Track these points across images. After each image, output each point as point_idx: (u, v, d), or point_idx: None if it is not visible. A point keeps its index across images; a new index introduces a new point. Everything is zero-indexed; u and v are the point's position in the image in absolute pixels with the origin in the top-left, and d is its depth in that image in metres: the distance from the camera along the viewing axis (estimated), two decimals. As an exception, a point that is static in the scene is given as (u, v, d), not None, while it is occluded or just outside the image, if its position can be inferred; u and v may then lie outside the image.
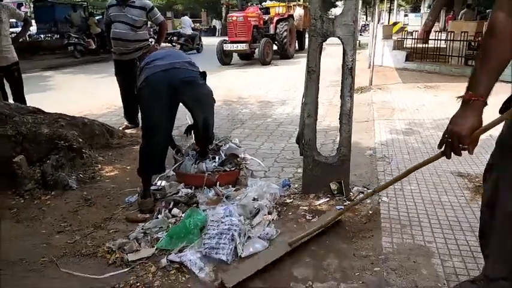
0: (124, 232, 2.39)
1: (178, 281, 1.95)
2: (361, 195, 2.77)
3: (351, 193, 2.81)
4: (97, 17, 15.78)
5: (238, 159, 3.11)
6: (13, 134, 3.06)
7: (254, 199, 2.62)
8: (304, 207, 2.68)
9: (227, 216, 2.24)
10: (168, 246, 2.18)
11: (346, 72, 2.54)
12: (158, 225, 2.37)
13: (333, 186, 2.77)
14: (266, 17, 12.64)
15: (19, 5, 29.16)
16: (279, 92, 7.34)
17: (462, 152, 1.30)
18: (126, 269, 2.04)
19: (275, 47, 12.68)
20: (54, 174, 3.01)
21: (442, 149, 1.35)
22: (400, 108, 5.57)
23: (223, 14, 13.93)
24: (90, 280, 1.98)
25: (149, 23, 4.62)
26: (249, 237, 2.26)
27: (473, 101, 1.24)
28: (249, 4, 13.62)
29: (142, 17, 4.15)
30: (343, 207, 2.63)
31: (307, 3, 13.57)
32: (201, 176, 2.86)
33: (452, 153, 1.31)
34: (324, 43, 2.55)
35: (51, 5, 17.16)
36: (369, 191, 1.65)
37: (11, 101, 4.16)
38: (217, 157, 3.07)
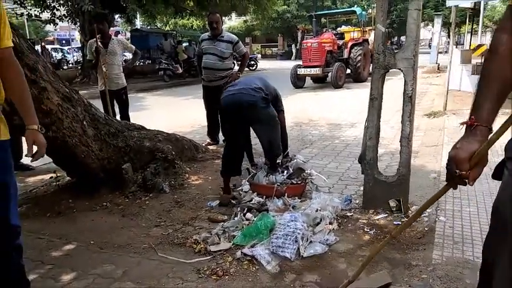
0: (207, 229, 2.89)
1: (249, 270, 2.36)
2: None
3: (409, 211, 3.02)
4: (184, 44, 17.40)
5: (304, 174, 3.48)
6: (123, 146, 3.78)
7: (317, 210, 2.97)
8: (363, 221, 2.95)
9: (292, 221, 2.62)
10: (242, 242, 2.61)
11: (406, 100, 2.81)
12: (235, 225, 2.83)
13: (392, 203, 3.01)
14: (340, 42, 12.97)
15: (116, 33, 32.95)
16: (348, 114, 7.59)
17: (466, 180, 1.17)
18: (208, 257, 2.52)
19: (349, 71, 12.93)
20: (153, 180, 3.65)
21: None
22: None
23: (299, 39, 14.64)
24: (180, 263, 2.48)
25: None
26: (310, 242, 2.61)
27: (476, 127, 1.15)
28: (324, 30, 14.08)
29: (229, 49, 4.78)
30: (400, 223, 2.87)
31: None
32: (271, 187, 3.28)
33: (455, 183, 1.19)
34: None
35: (145, 34, 19.32)
36: (386, 237, 1.63)
37: (118, 118, 5.02)
38: (286, 171, 3.47)
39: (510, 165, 1.19)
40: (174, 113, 8.48)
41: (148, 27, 22.90)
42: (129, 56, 5.69)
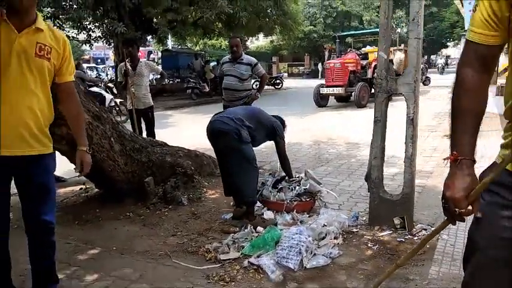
0: (219, 239, 3.10)
1: (255, 278, 2.54)
2: (424, 232, 3.08)
3: (414, 229, 3.12)
4: (212, 64, 18.01)
5: (314, 192, 3.64)
6: (146, 161, 4.08)
7: (324, 225, 3.12)
8: (368, 237, 3.08)
9: (297, 233, 2.79)
10: (250, 253, 2.80)
11: (408, 123, 2.96)
12: (244, 236, 3.03)
13: (396, 221, 3.13)
14: (364, 62, 13.09)
15: (149, 53, 34.33)
16: (368, 134, 7.61)
17: (466, 216, 1.19)
18: (218, 265, 2.72)
19: (373, 91, 12.99)
20: (172, 193, 3.91)
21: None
22: (488, 156, 5.49)
23: (325, 58, 14.96)
24: (192, 269, 2.69)
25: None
26: (314, 254, 2.76)
27: (461, 161, 1.16)
28: (348, 50, 14.27)
29: (248, 71, 5.05)
30: (403, 240, 2.98)
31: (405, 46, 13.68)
32: (281, 204, 3.47)
33: (455, 220, 1.21)
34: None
35: (175, 54, 20.13)
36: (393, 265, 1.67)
37: (144, 135, 5.37)
38: (297, 187, 3.64)
39: (487, 197, 1.20)
40: (198, 130, 8.74)
41: (179, 47, 23.82)
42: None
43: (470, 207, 1.17)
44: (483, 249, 1.22)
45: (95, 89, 10.49)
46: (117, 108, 9.99)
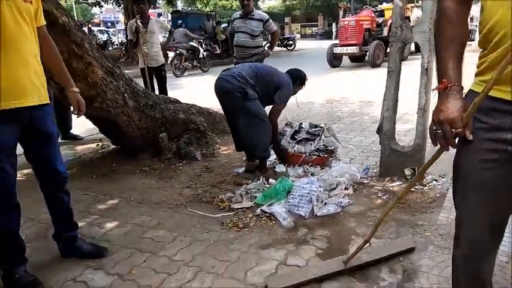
0: (232, 190, 3.19)
1: (267, 225, 2.63)
2: (434, 183, 3.11)
3: (424, 180, 3.14)
4: (223, 25, 17.65)
5: (332, 149, 3.66)
6: (160, 117, 4.14)
7: (335, 177, 3.17)
8: (378, 187, 3.13)
9: (308, 183, 2.85)
10: (263, 202, 2.88)
11: (422, 72, 2.92)
12: (257, 187, 3.11)
13: (407, 172, 3.15)
14: (380, 20, 12.66)
15: (159, 15, 33.76)
16: (381, 92, 7.54)
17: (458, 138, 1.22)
18: (231, 213, 2.82)
19: (388, 49, 12.63)
20: (186, 148, 3.99)
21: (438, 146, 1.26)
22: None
23: (340, 18, 14.41)
24: (206, 217, 2.80)
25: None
26: (325, 203, 2.83)
27: (451, 88, 1.20)
28: (363, 8, 13.78)
29: (260, 27, 4.96)
30: (413, 189, 3.01)
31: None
32: (299, 156, 3.50)
33: (448, 144, 1.22)
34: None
35: (185, 15, 19.72)
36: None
37: (157, 92, 5.40)
38: (316, 142, 3.63)
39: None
40: (209, 91, 8.79)
41: (189, 9, 23.32)
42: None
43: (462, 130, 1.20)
44: (468, 175, 1.28)
45: (193, 43, 12.90)
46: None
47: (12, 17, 1.85)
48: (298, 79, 3.66)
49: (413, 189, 3.00)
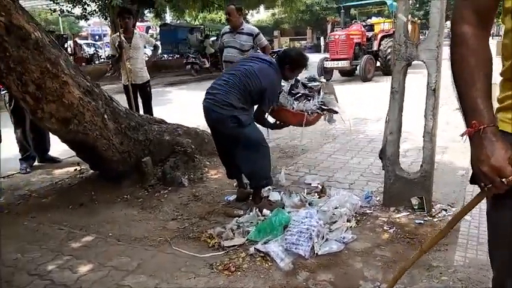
0: (222, 223, 2.87)
1: (262, 267, 2.33)
2: (444, 213, 2.85)
3: (433, 209, 2.88)
4: (211, 38, 17.48)
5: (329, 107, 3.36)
6: (143, 139, 3.82)
7: (336, 207, 2.89)
8: (383, 219, 2.85)
9: (307, 217, 2.56)
10: (256, 238, 2.58)
11: (429, 93, 2.67)
12: (249, 220, 2.81)
13: (414, 201, 2.89)
14: (370, 34, 12.61)
15: (147, 28, 33.56)
16: (375, 108, 7.36)
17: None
18: (221, 252, 2.50)
19: (378, 64, 12.57)
20: (172, 173, 3.67)
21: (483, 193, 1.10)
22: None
23: (328, 31, 14.31)
24: (194, 257, 2.47)
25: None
26: (326, 239, 2.54)
27: (484, 129, 1.01)
28: (353, 22, 13.74)
29: (249, 42, 4.71)
30: (422, 222, 2.75)
31: (416, 19, 13.18)
32: (301, 114, 3.19)
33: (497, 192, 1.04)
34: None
35: (174, 28, 19.56)
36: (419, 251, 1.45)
37: (141, 112, 5.08)
38: (315, 99, 3.32)
39: None
40: (198, 107, 8.52)
41: (178, 22, 23.14)
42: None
43: None
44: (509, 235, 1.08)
45: None
46: None
47: None
48: (286, 63, 3.09)
49: (422, 221, 2.73)
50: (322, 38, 30.75)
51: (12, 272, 2.42)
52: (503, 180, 1.00)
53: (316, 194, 3.23)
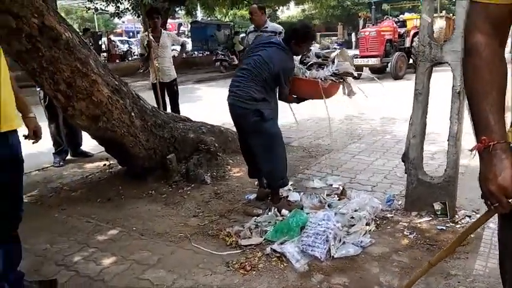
0: (241, 222, 2.92)
1: (277, 267, 2.35)
2: (467, 219, 2.77)
3: (456, 216, 2.81)
4: (241, 35, 17.54)
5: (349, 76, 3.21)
6: (168, 137, 3.93)
7: (355, 210, 2.87)
8: (404, 224, 2.80)
9: (324, 220, 2.55)
10: (273, 238, 2.61)
11: (454, 96, 2.60)
12: (268, 220, 2.83)
13: (437, 206, 2.82)
14: (402, 30, 12.27)
15: (179, 25, 34.06)
16: (404, 108, 7.16)
17: None
18: (238, 251, 2.55)
19: (411, 61, 12.22)
20: (195, 171, 3.76)
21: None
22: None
23: (360, 27, 14.02)
24: (212, 255, 2.53)
25: None
26: (343, 242, 2.53)
27: (494, 146, 0.98)
28: (384, 18, 13.41)
29: (274, 40, 4.72)
30: (444, 228, 2.68)
31: (450, 15, 12.70)
32: (315, 82, 3.08)
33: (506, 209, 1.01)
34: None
35: (204, 25, 19.78)
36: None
37: (168, 109, 5.21)
38: (329, 67, 3.18)
39: None
40: (225, 103, 8.62)
41: (209, 19, 23.38)
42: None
43: None
44: None
45: None
46: None
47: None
48: (292, 38, 3.00)
49: (444, 228, 2.67)
50: (353, 34, 30.19)
51: (42, 262, 2.57)
52: (510, 200, 0.98)
53: (336, 195, 3.20)
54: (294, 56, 3.16)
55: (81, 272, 2.42)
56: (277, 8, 21.73)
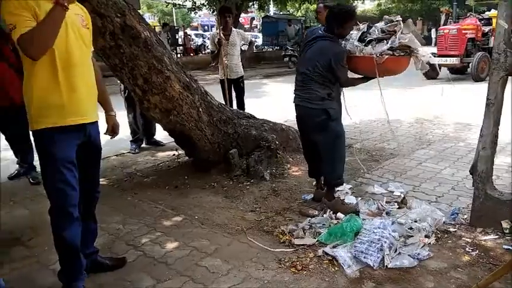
0: (295, 221, 2.99)
1: (328, 270, 2.39)
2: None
3: (528, 237, 2.61)
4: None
5: (411, 49, 2.95)
6: (232, 132, 4.10)
7: (415, 221, 2.79)
8: (467, 239, 2.67)
9: (379, 228, 2.53)
10: (327, 241, 2.64)
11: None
12: (322, 222, 2.87)
13: (505, 224, 2.64)
14: (487, 29, 11.29)
15: (252, 19, 34.54)
16: (482, 113, 6.67)
17: None
18: (291, 249, 2.62)
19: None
20: (255, 167, 3.88)
21: None
22: None
23: (441, 23, 13.07)
24: (265, 250, 2.64)
25: None
26: (399, 253, 2.48)
27: None
28: (467, 14, 12.43)
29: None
30: (511, 248, 2.51)
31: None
32: (369, 58, 2.90)
33: None
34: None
35: (275, 20, 19.89)
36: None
37: (234, 105, 5.40)
38: (390, 41, 2.93)
39: None
40: (289, 100, 8.66)
41: (281, 13, 23.45)
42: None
43: None
44: None
45: None
46: None
47: (77, 43, 1.98)
48: (334, 23, 2.95)
49: (510, 248, 2.50)
50: (433, 30, 28.35)
51: (113, 240, 2.87)
52: None
53: (396, 203, 3.13)
54: (352, 35, 3.11)
55: (147, 254, 2.66)
56: (352, 2, 21.11)
